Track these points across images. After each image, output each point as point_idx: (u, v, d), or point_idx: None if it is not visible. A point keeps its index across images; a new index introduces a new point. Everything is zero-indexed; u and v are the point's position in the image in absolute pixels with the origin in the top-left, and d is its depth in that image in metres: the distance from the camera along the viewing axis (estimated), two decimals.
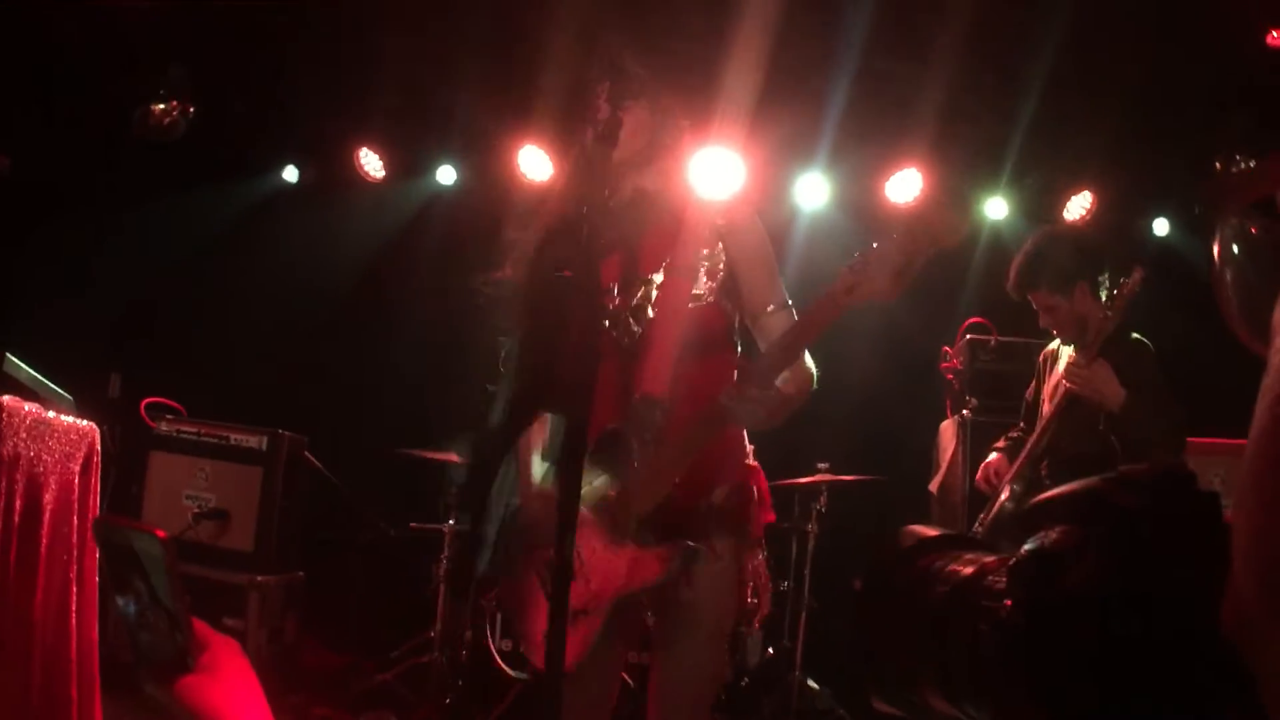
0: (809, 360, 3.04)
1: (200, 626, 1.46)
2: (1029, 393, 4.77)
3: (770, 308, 3.05)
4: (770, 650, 6.29)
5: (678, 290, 2.99)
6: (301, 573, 6.22)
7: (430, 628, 6.05)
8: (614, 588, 2.86)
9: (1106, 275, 4.40)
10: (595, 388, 2.20)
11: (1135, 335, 4.39)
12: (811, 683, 6.18)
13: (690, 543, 2.84)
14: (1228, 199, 0.76)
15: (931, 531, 1.06)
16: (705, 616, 2.96)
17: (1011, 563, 0.82)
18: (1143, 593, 0.76)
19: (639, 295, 3.02)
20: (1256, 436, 0.72)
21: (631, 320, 3.01)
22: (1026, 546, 0.82)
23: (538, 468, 3.09)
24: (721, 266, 3.04)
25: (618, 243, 3.02)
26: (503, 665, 5.14)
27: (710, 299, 3.02)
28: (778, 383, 2.82)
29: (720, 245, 3.05)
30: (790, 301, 3.09)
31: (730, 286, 3.05)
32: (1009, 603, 0.82)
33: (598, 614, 2.86)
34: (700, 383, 2.90)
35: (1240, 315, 0.78)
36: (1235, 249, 0.77)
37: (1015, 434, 4.74)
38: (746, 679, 6.07)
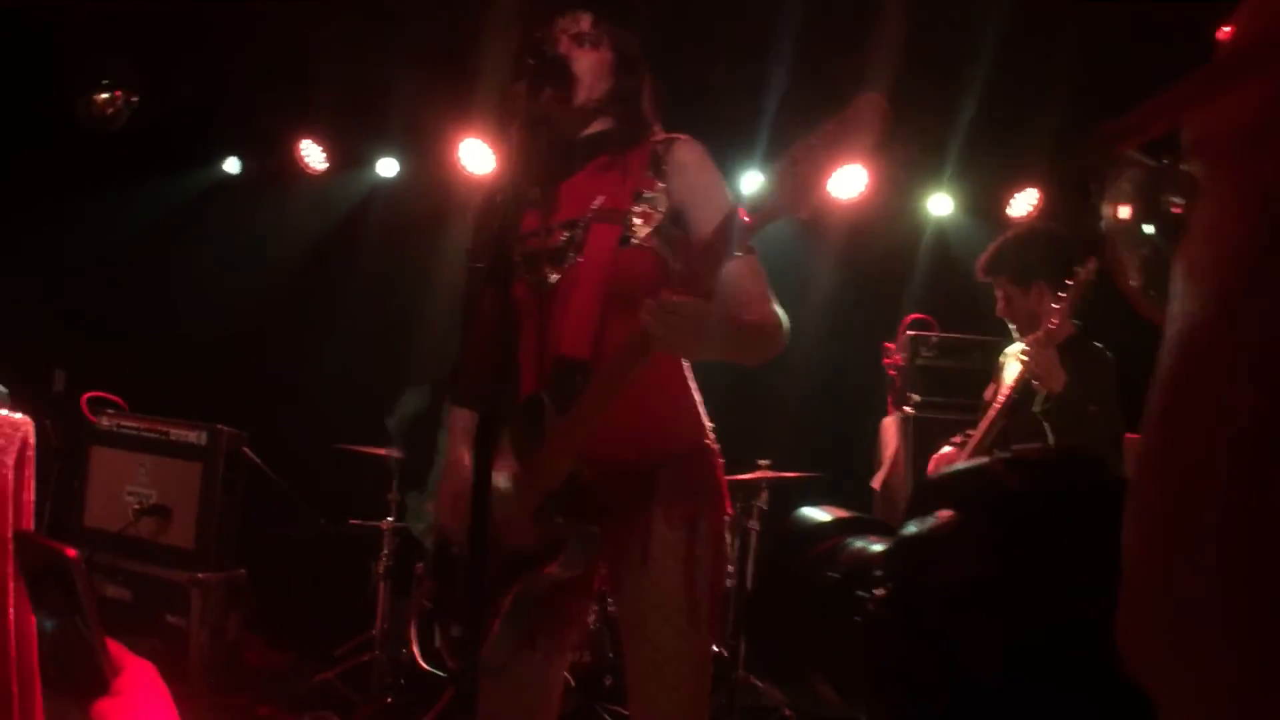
0: (777, 306, 2.66)
1: (116, 649, 1.43)
2: (988, 394, 4.77)
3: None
4: (715, 648, 6.26)
5: (602, 236, 2.66)
6: (243, 570, 6.15)
7: (372, 626, 6.00)
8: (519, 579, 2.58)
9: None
10: (505, 380, 2.12)
11: (1097, 344, 4.41)
12: (755, 680, 6.16)
13: (584, 528, 2.54)
14: (1125, 139, 0.70)
15: (835, 514, 1.02)
16: (668, 595, 2.61)
17: (886, 549, 0.77)
18: (1025, 587, 0.68)
19: (561, 240, 2.71)
20: (1148, 414, 0.64)
21: (549, 267, 2.70)
22: (903, 530, 0.76)
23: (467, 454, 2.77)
24: (662, 210, 2.68)
25: (545, 184, 2.77)
26: (422, 662, 5.09)
27: (642, 243, 2.66)
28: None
29: (661, 186, 2.70)
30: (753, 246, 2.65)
31: (670, 233, 2.68)
32: (879, 593, 0.75)
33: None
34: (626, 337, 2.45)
35: (1138, 280, 0.72)
36: (1136, 196, 0.71)
37: (970, 432, 4.75)
38: None
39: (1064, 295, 4.23)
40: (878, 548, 0.91)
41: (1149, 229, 0.72)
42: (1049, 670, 0.68)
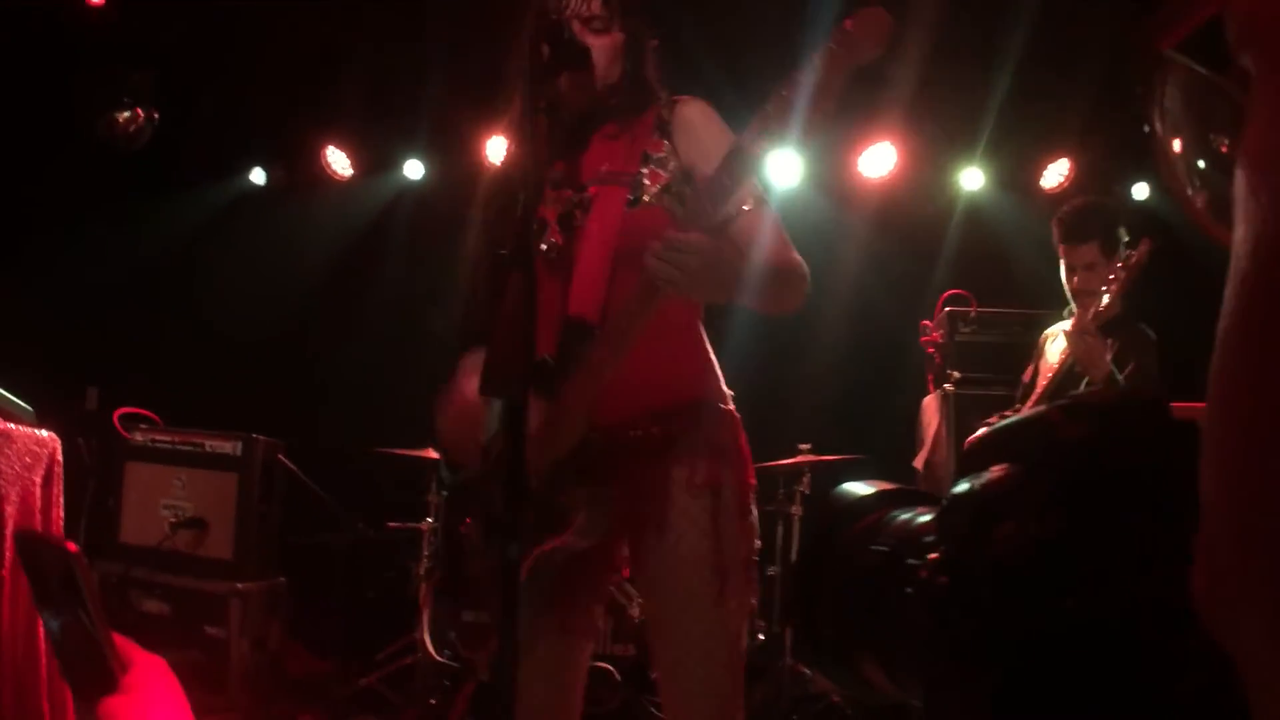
0: (796, 254, 2.56)
1: (124, 644, 1.37)
2: (1026, 375, 4.67)
3: (746, 206, 2.54)
4: (760, 636, 6.21)
5: (612, 195, 2.61)
6: (282, 578, 6.13)
7: (414, 629, 5.97)
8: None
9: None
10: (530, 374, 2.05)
11: (1141, 325, 4.30)
12: (803, 668, 6.10)
13: (606, 490, 2.46)
14: (1165, 34, 0.61)
15: (878, 487, 0.95)
16: (692, 568, 2.51)
17: (939, 510, 0.69)
18: (1089, 546, 0.62)
19: (569, 202, 2.67)
20: (1224, 338, 0.55)
21: (559, 229, 2.65)
22: (955, 489, 0.69)
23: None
24: (669, 169, 2.64)
25: (564, 164, 2.73)
26: (434, 654, 5.03)
27: (653, 201, 2.60)
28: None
29: (668, 146, 2.67)
30: (766, 197, 2.60)
31: (681, 191, 2.61)
32: (933, 558, 0.68)
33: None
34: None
35: (1196, 194, 0.64)
36: (1182, 108, 0.63)
37: (1010, 414, 4.65)
38: None
39: (1115, 277, 4.09)
40: (925, 518, 0.84)
41: (1203, 162, 0.64)
42: (1119, 638, 0.60)
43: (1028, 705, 0.59)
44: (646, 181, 2.62)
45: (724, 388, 2.73)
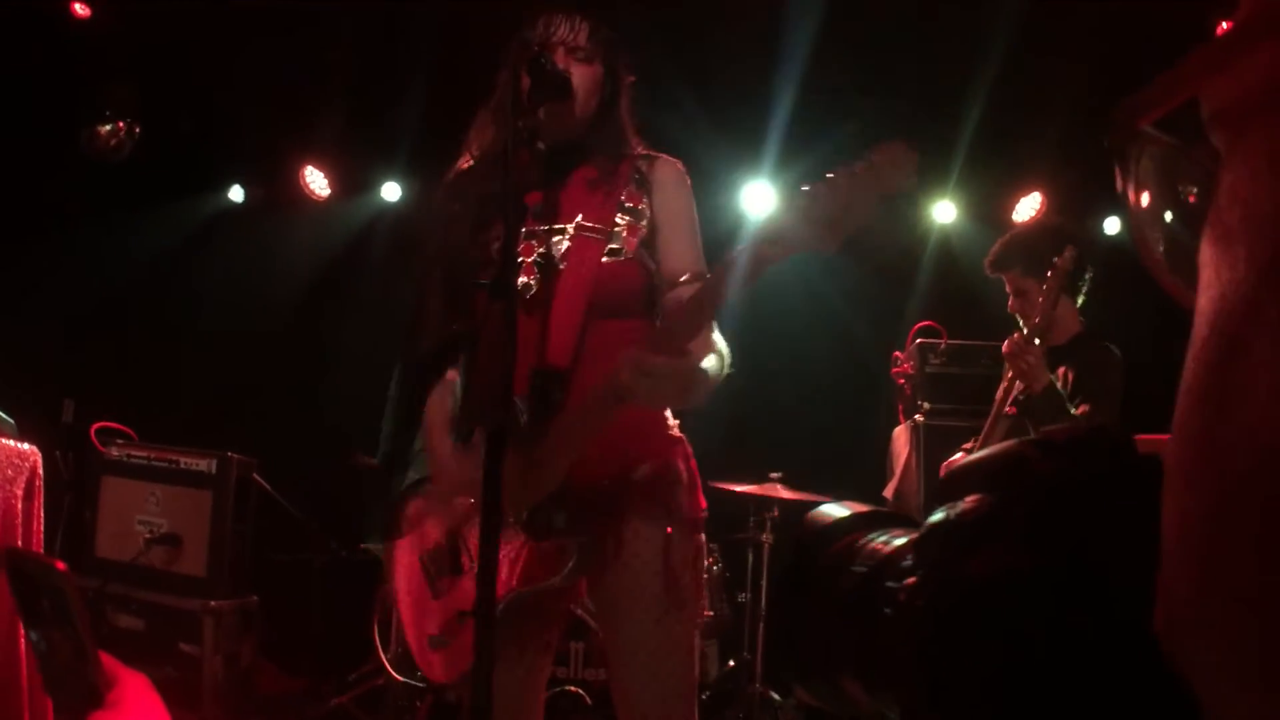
0: (720, 340, 2.63)
1: (109, 661, 1.41)
2: (998, 395, 4.74)
3: (685, 276, 2.68)
4: (730, 663, 6.25)
5: (588, 246, 2.66)
6: (255, 597, 6.14)
7: (385, 649, 5.98)
8: (503, 587, 2.47)
9: (1087, 279, 4.40)
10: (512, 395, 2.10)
11: (1106, 344, 4.38)
12: (773, 694, 6.14)
13: (582, 538, 2.56)
14: (1143, 114, 0.67)
15: (852, 509, 1.00)
16: (646, 587, 2.62)
17: (916, 537, 0.75)
18: (1058, 577, 0.67)
19: (548, 246, 2.70)
20: (1182, 396, 0.61)
21: (537, 272, 2.68)
22: (932, 517, 0.74)
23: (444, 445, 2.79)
24: (645, 223, 2.72)
25: (537, 188, 2.77)
26: (391, 671, 5.04)
27: (629, 255, 2.68)
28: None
29: (645, 201, 2.74)
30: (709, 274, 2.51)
31: (653, 246, 2.74)
32: (910, 582, 0.73)
33: None
34: (610, 348, 2.41)
35: (1165, 260, 0.69)
36: (1154, 171, 0.68)
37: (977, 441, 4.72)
38: (707, 692, 6.02)
39: (1045, 288, 4.19)
40: (901, 540, 0.89)
41: (1169, 214, 0.70)
42: (1086, 661, 0.66)
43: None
44: (624, 234, 2.69)
45: (669, 414, 2.82)
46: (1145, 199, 0.70)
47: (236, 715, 5.73)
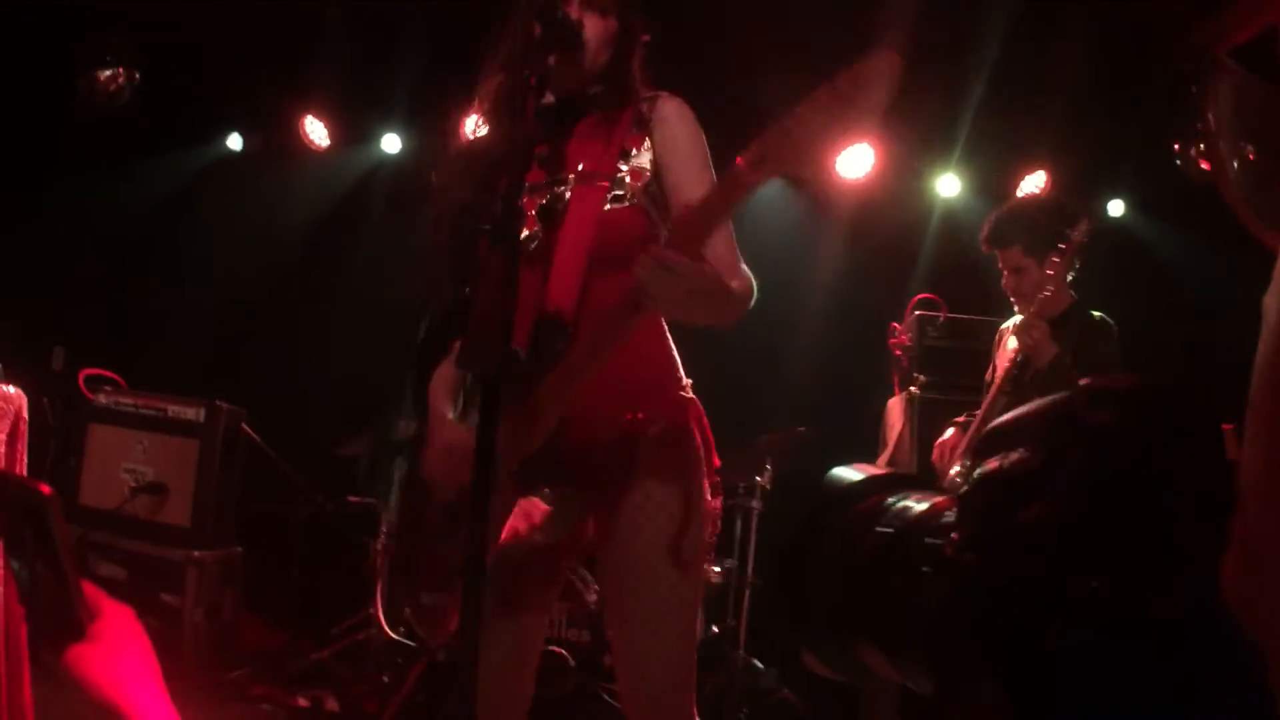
0: (746, 270, 2.60)
1: (92, 592, 1.36)
2: (988, 375, 4.70)
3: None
4: (714, 628, 6.22)
5: (590, 194, 2.62)
6: (239, 548, 6.10)
7: (369, 604, 5.94)
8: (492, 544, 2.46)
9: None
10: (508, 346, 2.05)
11: (1099, 313, 4.33)
12: (756, 662, 6.12)
13: (569, 492, 2.54)
14: (1221, 42, 0.62)
15: (870, 471, 0.95)
16: (655, 546, 2.59)
17: (962, 490, 0.70)
18: (1118, 529, 0.61)
19: (549, 196, 2.66)
20: (1259, 366, 0.58)
21: (537, 220, 2.64)
22: (980, 470, 0.69)
23: (450, 410, 2.77)
24: (648, 167, 2.67)
25: (544, 135, 2.72)
26: (389, 632, 5.01)
27: (632, 201, 2.63)
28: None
29: (647, 143, 2.69)
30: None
31: (656, 191, 2.68)
32: (956, 536, 0.67)
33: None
34: (613, 296, 2.37)
35: (1246, 196, 0.64)
36: (1232, 110, 0.64)
37: (975, 414, 4.68)
38: None
39: (1058, 262, 4.15)
40: (924, 505, 0.84)
41: (1247, 145, 0.65)
42: (1142, 623, 0.61)
43: (1049, 679, 0.60)
44: (627, 180, 2.64)
45: (682, 375, 2.77)
46: (1222, 129, 0.65)
47: (216, 668, 5.70)
